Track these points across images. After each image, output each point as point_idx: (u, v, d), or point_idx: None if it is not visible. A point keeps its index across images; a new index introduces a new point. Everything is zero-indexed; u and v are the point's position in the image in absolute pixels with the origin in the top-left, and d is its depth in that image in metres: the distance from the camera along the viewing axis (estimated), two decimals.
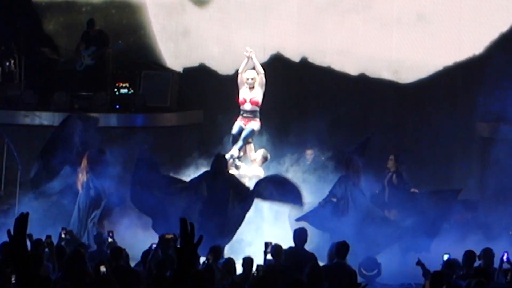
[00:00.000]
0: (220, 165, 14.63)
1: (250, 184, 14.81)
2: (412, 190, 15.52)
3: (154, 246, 12.50)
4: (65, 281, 10.68)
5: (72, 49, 18.44)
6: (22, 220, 8.89)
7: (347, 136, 17.19)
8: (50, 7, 19.45)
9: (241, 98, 15.35)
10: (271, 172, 15.12)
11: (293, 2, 18.96)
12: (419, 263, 11.71)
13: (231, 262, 11.74)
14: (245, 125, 15.35)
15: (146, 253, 12.41)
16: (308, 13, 18.93)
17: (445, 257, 12.09)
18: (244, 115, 15.35)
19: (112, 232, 14.11)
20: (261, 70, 15.24)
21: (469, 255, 11.95)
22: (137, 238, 14.27)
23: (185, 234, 7.82)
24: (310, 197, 14.86)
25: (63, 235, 13.84)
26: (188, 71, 19.09)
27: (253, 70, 15.51)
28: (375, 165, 15.82)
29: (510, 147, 16.65)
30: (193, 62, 19.20)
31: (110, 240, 13.60)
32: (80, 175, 15.13)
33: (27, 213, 8.40)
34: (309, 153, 15.63)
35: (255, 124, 15.31)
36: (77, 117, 15.59)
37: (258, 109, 15.29)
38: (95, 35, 18.21)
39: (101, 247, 13.37)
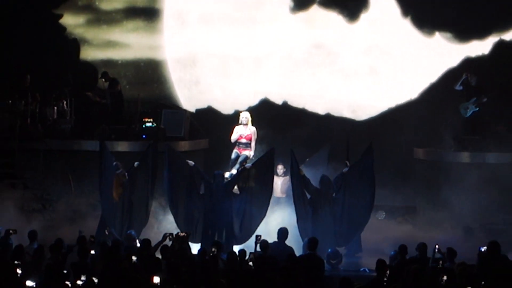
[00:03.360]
0: (217, 179, 14.81)
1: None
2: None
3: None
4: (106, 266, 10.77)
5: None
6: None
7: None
8: (94, 61, 19.51)
9: (237, 135, 15.42)
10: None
11: (277, 58, 18.96)
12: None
13: (233, 254, 11.70)
14: (240, 152, 15.47)
15: (164, 247, 12.43)
16: (288, 66, 18.98)
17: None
18: (240, 145, 15.43)
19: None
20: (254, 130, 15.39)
21: (403, 248, 11.99)
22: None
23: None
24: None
25: (106, 232, 13.79)
26: (198, 111, 19.13)
27: (246, 112, 15.68)
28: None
29: (439, 167, 16.77)
30: (202, 104, 19.13)
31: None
32: (115, 188, 14.96)
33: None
34: (280, 168, 15.72)
35: (248, 152, 15.40)
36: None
37: (250, 142, 15.37)
38: (110, 81, 18.18)
39: (130, 243, 13.29)
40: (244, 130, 15.45)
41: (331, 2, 18.73)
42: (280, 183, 15.51)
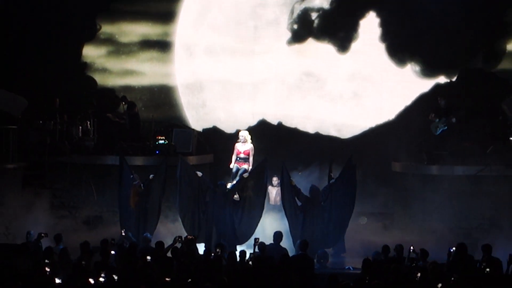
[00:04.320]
0: (220, 189, 14.83)
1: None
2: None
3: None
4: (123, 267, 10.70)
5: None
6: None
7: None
8: (114, 87, 19.53)
9: (236, 150, 15.44)
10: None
11: (273, 84, 18.96)
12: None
13: (234, 254, 11.73)
14: (240, 166, 15.50)
15: (174, 248, 12.39)
16: (282, 91, 18.98)
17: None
18: (239, 160, 15.46)
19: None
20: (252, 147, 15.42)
21: (385, 248, 11.97)
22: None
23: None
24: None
25: (123, 234, 13.71)
26: (205, 130, 19.11)
27: (245, 131, 15.70)
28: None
29: (413, 178, 16.76)
30: (208, 124, 19.05)
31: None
32: (132, 197, 14.93)
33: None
34: (275, 179, 15.73)
35: (246, 166, 15.41)
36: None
37: (248, 157, 15.38)
38: (128, 104, 18.14)
39: (146, 244, 13.24)
40: (243, 147, 15.47)
41: (323, 34, 18.78)
42: (275, 192, 15.55)
